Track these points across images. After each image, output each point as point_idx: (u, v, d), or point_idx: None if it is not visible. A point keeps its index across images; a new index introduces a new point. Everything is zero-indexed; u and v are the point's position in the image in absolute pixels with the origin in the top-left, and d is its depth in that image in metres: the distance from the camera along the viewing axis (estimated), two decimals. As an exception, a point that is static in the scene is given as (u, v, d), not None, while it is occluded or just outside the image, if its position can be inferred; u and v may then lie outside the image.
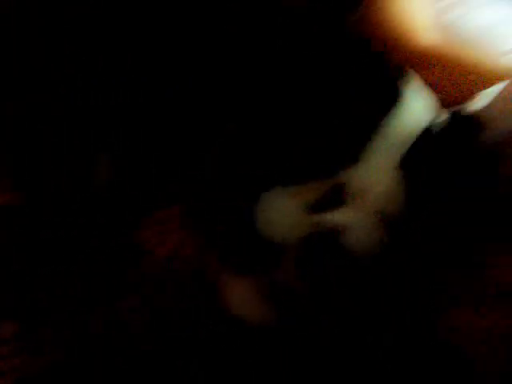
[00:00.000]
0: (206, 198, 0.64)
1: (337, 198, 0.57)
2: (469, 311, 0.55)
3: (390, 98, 0.58)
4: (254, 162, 0.59)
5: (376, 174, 0.56)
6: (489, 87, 0.70)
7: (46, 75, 0.70)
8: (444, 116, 0.67)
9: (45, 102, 0.69)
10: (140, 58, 0.70)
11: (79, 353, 0.61)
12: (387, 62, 0.66)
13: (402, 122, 0.57)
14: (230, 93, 0.63)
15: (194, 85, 0.65)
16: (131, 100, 0.67)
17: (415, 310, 0.58)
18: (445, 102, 0.71)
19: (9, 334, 0.61)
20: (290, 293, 0.59)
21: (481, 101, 0.69)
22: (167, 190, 0.69)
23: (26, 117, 0.69)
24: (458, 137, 0.61)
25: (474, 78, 0.73)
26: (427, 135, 0.58)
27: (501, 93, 0.68)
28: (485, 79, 0.71)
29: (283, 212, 0.58)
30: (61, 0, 0.74)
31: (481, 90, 0.70)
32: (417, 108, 0.59)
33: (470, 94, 0.71)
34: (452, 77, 0.76)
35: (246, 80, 0.63)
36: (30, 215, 0.66)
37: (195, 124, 0.65)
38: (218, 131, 0.63)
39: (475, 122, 0.63)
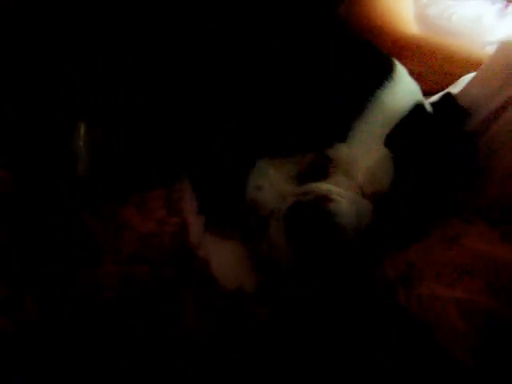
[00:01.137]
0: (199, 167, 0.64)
1: (322, 170, 0.57)
2: (432, 280, 0.55)
3: (380, 78, 0.58)
4: (244, 132, 0.59)
5: (362, 150, 0.56)
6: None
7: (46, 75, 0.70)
8: (427, 101, 0.67)
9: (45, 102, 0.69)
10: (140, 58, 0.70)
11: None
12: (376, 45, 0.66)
13: (389, 101, 0.57)
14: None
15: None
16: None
17: (381, 277, 0.58)
18: (425, 89, 0.71)
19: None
20: (272, 261, 0.58)
21: (458, 86, 0.72)
22: (151, 172, 0.69)
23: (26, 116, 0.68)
24: (441, 120, 0.61)
25: (454, 67, 0.79)
26: (414, 116, 0.58)
27: (475, 78, 0.70)
28: (465, 69, 0.76)
29: (271, 181, 0.57)
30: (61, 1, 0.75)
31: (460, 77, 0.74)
32: (404, 89, 0.59)
33: (450, 82, 0.76)
34: (433, 66, 0.82)
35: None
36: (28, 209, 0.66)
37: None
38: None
39: (455, 106, 0.64)
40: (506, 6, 0.94)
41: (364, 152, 0.56)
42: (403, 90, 0.59)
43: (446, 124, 0.61)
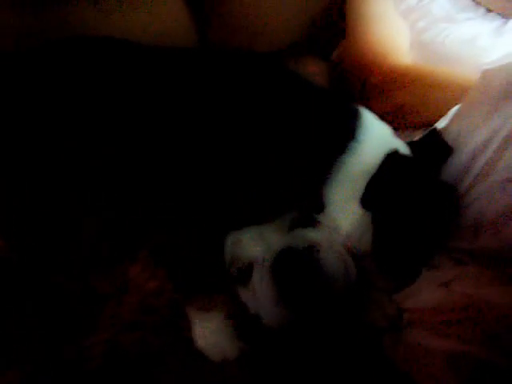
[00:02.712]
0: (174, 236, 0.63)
1: (310, 221, 0.57)
2: (421, 328, 0.53)
3: (342, 141, 0.56)
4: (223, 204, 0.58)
5: (339, 213, 0.55)
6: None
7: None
8: (414, 138, 0.66)
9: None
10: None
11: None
12: (345, 97, 0.64)
13: (356, 161, 0.56)
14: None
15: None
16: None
17: (366, 326, 0.58)
18: (421, 122, 0.73)
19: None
20: (253, 311, 0.57)
21: (447, 119, 0.68)
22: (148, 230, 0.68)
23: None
24: (421, 162, 0.59)
25: (449, 96, 0.74)
26: (386, 169, 0.56)
27: (460, 110, 0.66)
28: (460, 97, 0.70)
29: (253, 233, 0.57)
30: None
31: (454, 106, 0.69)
32: (372, 143, 0.57)
33: (445, 112, 0.70)
34: (426, 97, 0.78)
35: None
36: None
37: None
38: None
39: (439, 144, 0.62)
40: (506, 22, 0.87)
41: (341, 215, 0.55)
42: (370, 145, 0.57)
43: (426, 166, 0.59)
